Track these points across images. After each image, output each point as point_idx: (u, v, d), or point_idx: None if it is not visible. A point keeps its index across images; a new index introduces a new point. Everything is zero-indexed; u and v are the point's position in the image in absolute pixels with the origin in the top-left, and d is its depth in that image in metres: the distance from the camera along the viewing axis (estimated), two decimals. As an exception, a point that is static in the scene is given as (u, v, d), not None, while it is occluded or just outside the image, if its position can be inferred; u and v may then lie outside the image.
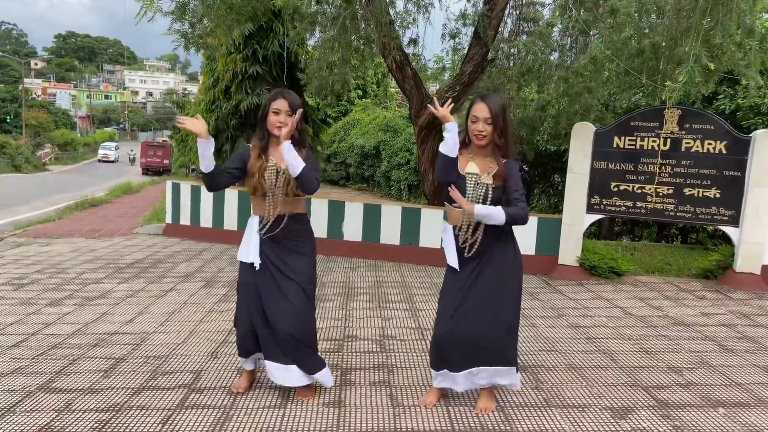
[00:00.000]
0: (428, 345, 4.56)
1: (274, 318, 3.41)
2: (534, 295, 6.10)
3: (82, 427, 3.20)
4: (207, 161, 3.28)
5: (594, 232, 11.28)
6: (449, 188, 3.22)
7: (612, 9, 5.90)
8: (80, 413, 3.37)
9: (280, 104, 3.37)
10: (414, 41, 8.33)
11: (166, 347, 4.51)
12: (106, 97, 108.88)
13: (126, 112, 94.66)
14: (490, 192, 3.22)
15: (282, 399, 3.58)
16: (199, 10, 5.94)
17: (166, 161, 42.54)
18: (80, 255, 8.36)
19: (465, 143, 3.34)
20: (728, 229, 6.42)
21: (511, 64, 8.90)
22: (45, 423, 3.25)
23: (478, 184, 3.24)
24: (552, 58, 6.65)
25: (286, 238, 3.48)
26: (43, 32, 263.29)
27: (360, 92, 29.97)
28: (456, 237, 3.36)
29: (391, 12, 6.87)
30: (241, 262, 3.58)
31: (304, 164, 3.28)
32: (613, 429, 3.23)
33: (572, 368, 4.14)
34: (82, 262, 7.79)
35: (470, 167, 3.29)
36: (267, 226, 3.45)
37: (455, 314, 3.31)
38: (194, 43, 6.03)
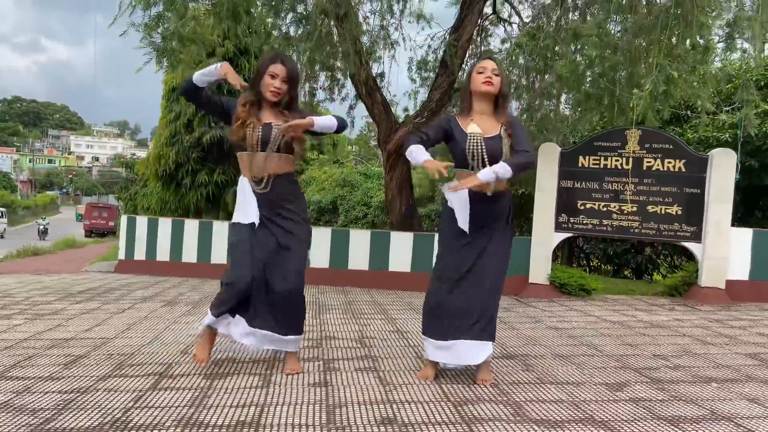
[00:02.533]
0: (411, 343, 4.43)
1: (274, 279, 3.32)
2: (508, 309, 6.03)
3: (44, 404, 2.90)
4: (201, 75, 3.30)
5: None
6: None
7: (575, 33, 6.20)
8: (41, 394, 3.07)
9: (278, 69, 3.32)
10: (381, 75, 8.51)
11: (129, 347, 4.20)
12: (50, 161, 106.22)
13: (71, 176, 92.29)
14: (505, 146, 3.26)
15: (263, 380, 3.35)
16: (173, 28, 5.91)
17: (111, 223, 41.33)
18: (27, 285, 7.86)
19: (465, 109, 3.39)
20: (691, 245, 6.58)
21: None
22: (1, 402, 2.93)
23: (486, 141, 3.26)
24: (519, 79, 6.90)
25: (281, 198, 3.39)
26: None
27: (317, 152, 30.19)
28: (474, 202, 3.32)
29: (363, 39, 7.06)
30: (236, 223, 3.44)
31: (329, 118, 3.37)
32: (612, 398, 3.14)
33: (559, 357, 4.05)
34: (30, 290, 7.32)
35: (472, 128, 3.30)
36: (265, 184, 3.36)
37: (461, 281, 3.30)
38: (167, 56, 5.96)
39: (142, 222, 9.43)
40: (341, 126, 3.43)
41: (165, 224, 9.14)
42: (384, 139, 7.77)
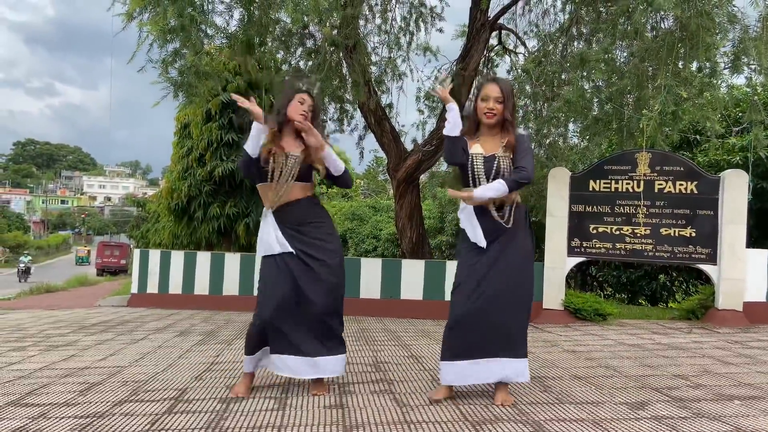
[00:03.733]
0: (426, 367, 4.38)
1: (309, 297, 3.36)
2: (523, 334, 5.97)
3: (60, 429, 2.89)
4: (254, 145, 3.33)
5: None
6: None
7: (582, 59, 6.28)
8: (57, 419, 3.06)
9: (307, 98, 3.43)
10: (390, 106, 8.63)
11: (144, 375, 4.19)
12: (63, 201, 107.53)
13: (83, 215, 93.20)
14: (502, 163, 3.26)
15: (278, 403, 3.33)
16: (189, 62, 6.06)
17: (122, 261, 41.73)
18: (41, 319, 7.89)
19: (472, 129, 3.40)
20: (707, 268, 6.52)
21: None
22: (18, 427, 2.92)
23: (485, 161, 3.27)
24: (526, 106, 6.97)
25: (306, 221, 3.45)
26: (1, 141, 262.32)
27: (325, 186, 30.41)
28: (481, 216, 3.30)
29: (372, 69, 7.19)
30: (263, 257, 3.48)
31: (340, 161, 3.46)
32: (633, 416, 3.09)
33: (577, 378, 3.99)
34: (44, 324, 7.34)
35: (475, 148, 3.32)
36: (283, 210, 3.43)
37: (474, 294, 3.24)
38: (184, 90, 6.09)
39: (154, 255, 9.47)
40: (347, 180, 3.57)
41: (177, 257, 9.18)
42: (393, 167, 7.83)
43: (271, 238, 3.44)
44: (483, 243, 3.31)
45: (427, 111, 9.77)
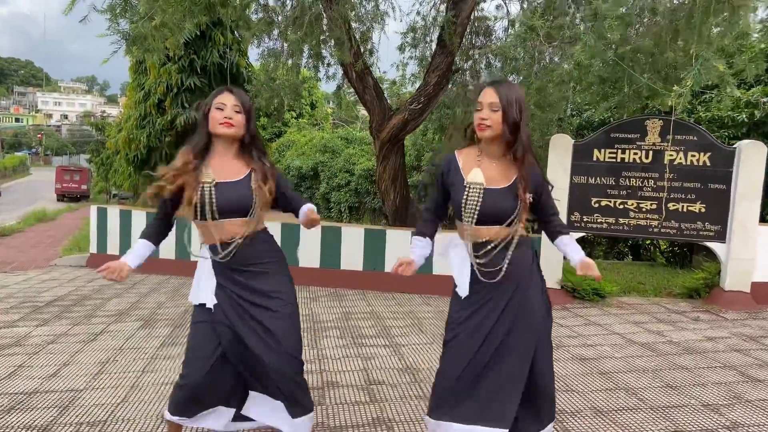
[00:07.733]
0: (421, 389, 3.90)
1: (259, 354, 2.61)
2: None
3: None
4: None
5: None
6: None
7: (595, 12, 5.52)
8: None
9: (225, 98, 2.63)
10: (370, 51, 7.75)
11: (102, 409, 3.61)
12: (17, 120, 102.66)
13: (39, 135, 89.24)
14: (504, 202, 2.53)
15: (264, 476, 2.80)
16: (141, 8, 5.14)
17: (83, 186, 40.19)
18: (-11, 292, 7.18)
19: (471, 141, 2.66)
20: (715, 246, 6.10)
21: (470, 78, 8.50)
22: None
23: (480, 192, 2.52)
24: (530, 67, 6.23)
25: (249, 263, 2.68)
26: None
27: (294, 113, 29.18)
28: (474, 256, 2.61)
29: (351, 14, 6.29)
30: (195, 306, 2.74)
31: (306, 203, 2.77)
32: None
33: (599, 413, 3.55)
34: (-8, 301, 6.65)
35: (474, 175, 2.55)
36: (227, 252, 2.65)
37: (472, 362, 2.57)
38: (137, 44, 5.19)
39: (113, 214, 8.72)
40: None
41: (139, 217, 8.44)
42: (377, 126, 7.08)
43: (202, 284, 2.72)
44: (467, 290, 2.63)
45: (408, 51, 8.93)
